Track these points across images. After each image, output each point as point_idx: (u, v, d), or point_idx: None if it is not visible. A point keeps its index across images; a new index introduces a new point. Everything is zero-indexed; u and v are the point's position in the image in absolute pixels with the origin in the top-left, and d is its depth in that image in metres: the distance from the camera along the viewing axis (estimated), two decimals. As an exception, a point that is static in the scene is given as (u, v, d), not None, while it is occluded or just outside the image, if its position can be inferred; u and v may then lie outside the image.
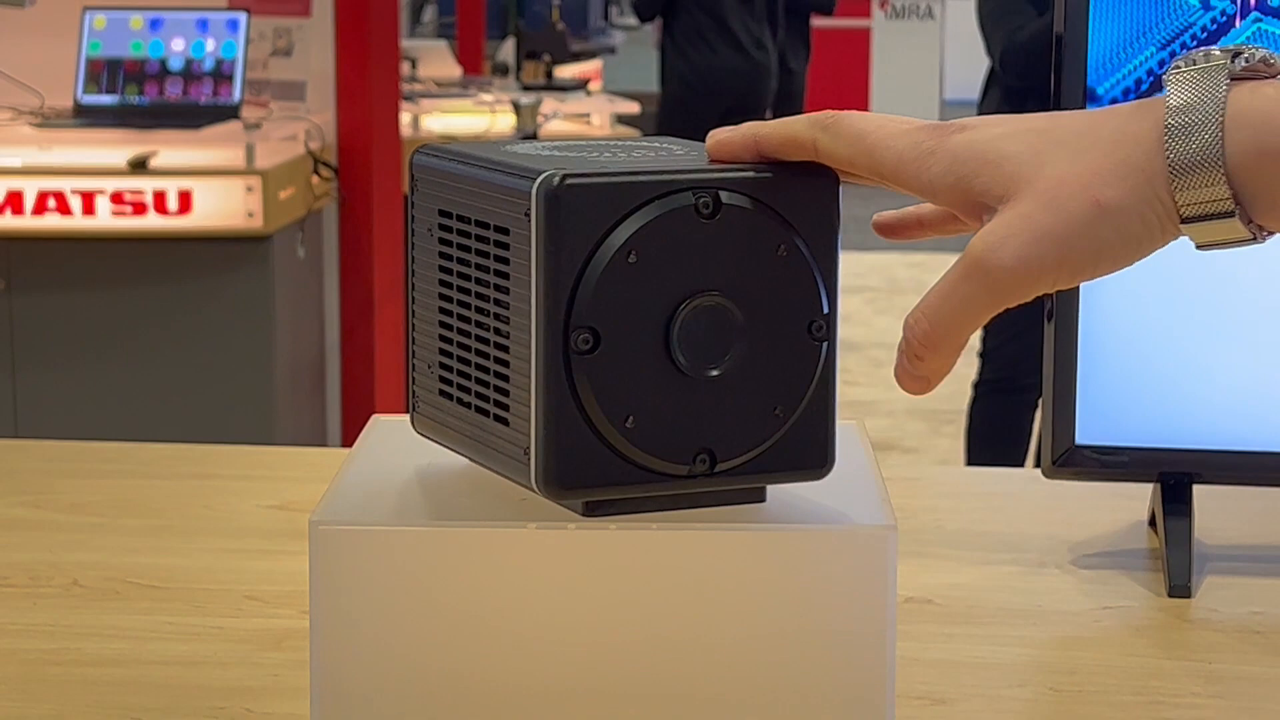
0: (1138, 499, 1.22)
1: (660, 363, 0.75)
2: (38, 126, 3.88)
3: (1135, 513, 1.23)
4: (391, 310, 4.02)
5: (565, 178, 0.74)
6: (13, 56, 4.09)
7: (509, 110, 4.79)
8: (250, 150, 3.60)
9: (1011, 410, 3.83)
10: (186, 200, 3.46)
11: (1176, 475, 1.15)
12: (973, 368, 3.90)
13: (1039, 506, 1.26)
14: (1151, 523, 1.19)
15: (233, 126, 3.80)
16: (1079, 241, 0.70)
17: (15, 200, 3.46)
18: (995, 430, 3.85)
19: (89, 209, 3.45)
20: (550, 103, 5.04)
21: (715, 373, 0.76)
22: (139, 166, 3.47)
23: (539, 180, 0.74)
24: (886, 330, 6.42)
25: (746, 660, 0.79)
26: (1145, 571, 1.14)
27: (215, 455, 1.39)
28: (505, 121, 4.78)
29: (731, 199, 0.76)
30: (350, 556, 0.78)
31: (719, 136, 0.78)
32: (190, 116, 3.84)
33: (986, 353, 3.83)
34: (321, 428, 3.94)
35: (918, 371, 0.74)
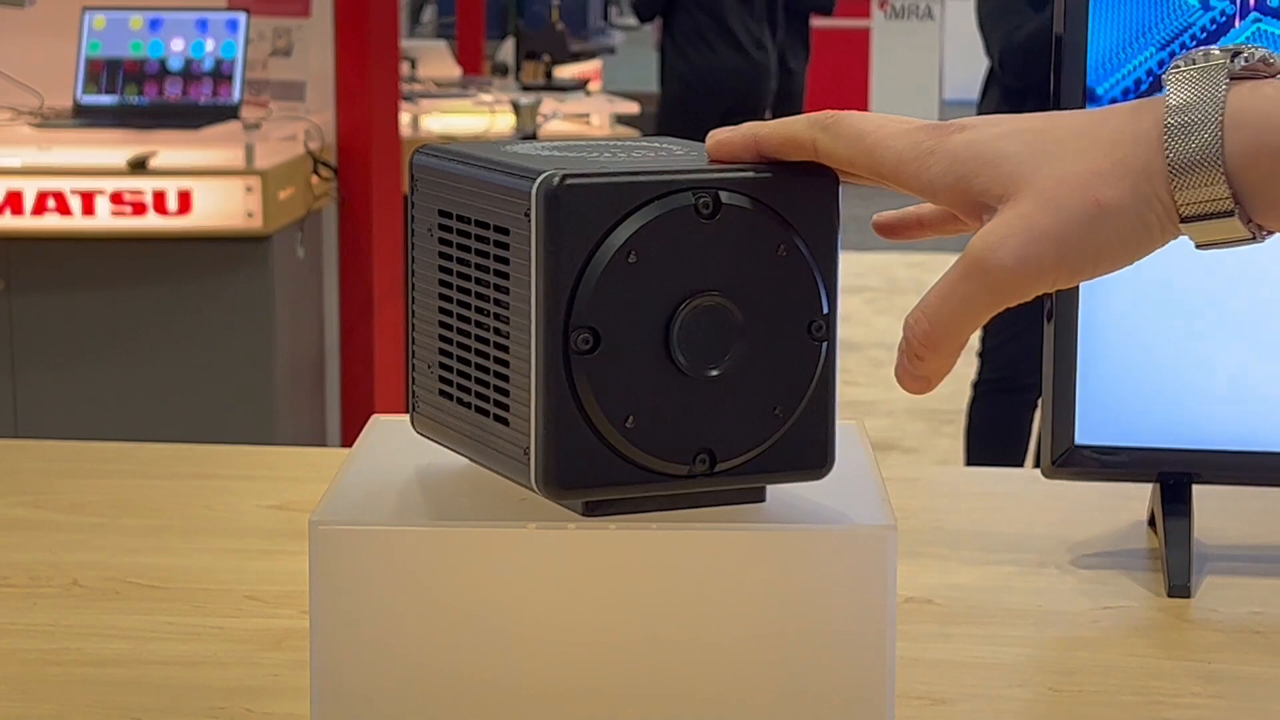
0: (1137, 499, 1.22)
1: (660, 363, 0.75)
2: (37, 126, 3.88)
3: (1135, 513, 1.23)
4: (391, 310, 4.02)
5: (565, 178, 0.74)
6: (12, 56, 4.09)
7: (508, 110, 4.79)
8: (250, 150, 3.60)
9: (1011, 410, 3.83)
10: (186, 200, 3.46)
11: (1176, 475, 1.15)
12: (972, 368, 3.90)
13: (1039, 506, 1.26)
14: (1151, 523, 1.19)
15: (232, 126, 3.80)
16: (1078, 241, 0.70)
17: (15, 200, 3.46)
18: (995, 430, 3.85)
19: (88, 209, 3.45)
20: (550, 103, 5.04)
21: (715, 373, 0.76)
22: (138, 167, 3.47)
23: (539, 180, 0.74)
24: (886, 330, 6.41)
25: (746, 660, 0.79)
26: (1145, 571, 1.14)
27: (215, 455, 1.39)
28: (505, 122, 4.78)
29: (731, 199, 0.76)
30: (350, 556, 0.78)
31: (719, 136, 0.78)
32: (190, 116, 3.84)
33: (986, 352, 3.83)
34: (321, 428, 3.94)
35: (918, 371, 0.74)
